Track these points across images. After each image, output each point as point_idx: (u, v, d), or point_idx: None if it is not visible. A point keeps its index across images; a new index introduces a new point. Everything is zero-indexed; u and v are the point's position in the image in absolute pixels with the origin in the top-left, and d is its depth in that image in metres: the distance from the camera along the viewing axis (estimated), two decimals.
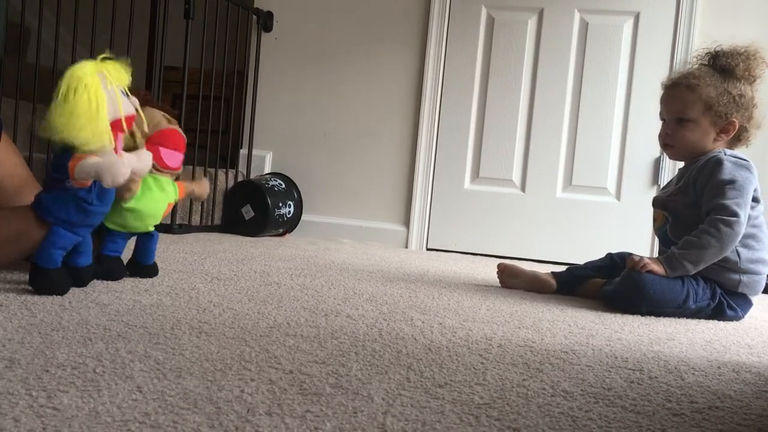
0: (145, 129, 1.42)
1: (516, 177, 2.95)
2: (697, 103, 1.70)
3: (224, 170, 2.99)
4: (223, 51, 2.88)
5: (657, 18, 2.82)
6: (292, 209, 2.95)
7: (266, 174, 3.06)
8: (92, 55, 2.20)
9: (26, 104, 2.44)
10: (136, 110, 1.33)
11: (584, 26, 2.88)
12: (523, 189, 2.95)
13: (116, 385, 0.79)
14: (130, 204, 1.45)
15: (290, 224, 2.98)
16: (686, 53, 2.75)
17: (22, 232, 1.28)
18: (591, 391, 0.93)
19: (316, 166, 3.09)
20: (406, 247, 2.99)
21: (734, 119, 1.69)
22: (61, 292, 1.28)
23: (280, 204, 2.88)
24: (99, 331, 1.04)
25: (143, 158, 1.40)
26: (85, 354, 0.91)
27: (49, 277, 1.26)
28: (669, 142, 1.76)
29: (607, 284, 1.76)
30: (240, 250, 2.25)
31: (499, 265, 1.94)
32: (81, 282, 1.35)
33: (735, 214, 1.60)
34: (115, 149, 1.27)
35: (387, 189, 3.04)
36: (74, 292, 1.31)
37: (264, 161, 3.13)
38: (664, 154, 2.72)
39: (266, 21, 3.11)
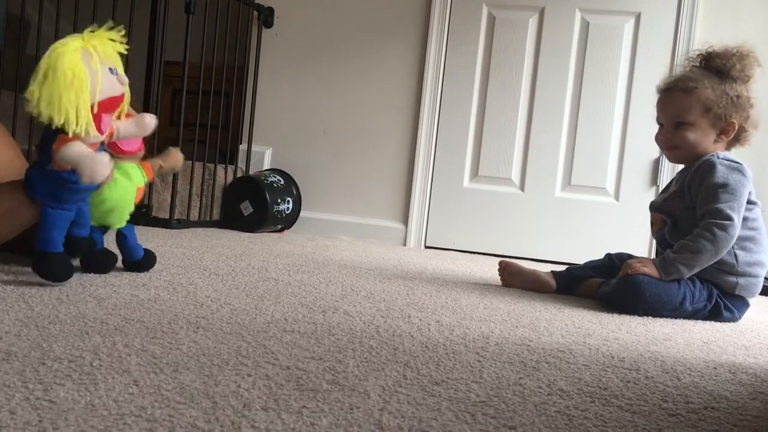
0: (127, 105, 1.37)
1: (515, 176, 2.95)
2: (695, 105, 1.69)
3: (223, 166, 2.98)
4: (224, 46, 2.88)
5: (658, 18, 2.82)
6: (290, 205, 2.95)
7: (265, 170, 3.06)
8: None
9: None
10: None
11: (585, 26, 2.88)
12: (522, 188, 2.95)
13: (113, 379, 0.79)
14: (97, 194, 1.40)
15: (289, 220, 2.98)
16: (687, 54, 2.75)
17: (13, 209, 1.28)
18: (587, 390, 0.93)
19: (315, 162, 3.09)
20: (405, 244, 2.99)
21: (734, 120, 1.69)
22: (61, 278, 1.28)
23: (279, 200, 2.88)
24: (96, 324, 1.04)
25: (141, 122, 1.37)
26: (82, 347, 0.91)
27: (51, 261, 1.27)
28: (670, 146, 1.75)
29: (603, 285, 1.76)
30: (238, 246, 2.25)
31: (500, 263, 1.94)
32: (75, 252, 1.34)
33: (729, 218, 1.60)
34: (100, 130, 1.26)
35: (386, 186, 3.03)
36: (72, 285, 1.31)
37: (263, 157, 3.13)
38: (664, 156, 2.73)
39: (267, 17, 3.10)
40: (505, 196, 2.95)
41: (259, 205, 2.82)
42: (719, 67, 1.71)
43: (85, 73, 1.21)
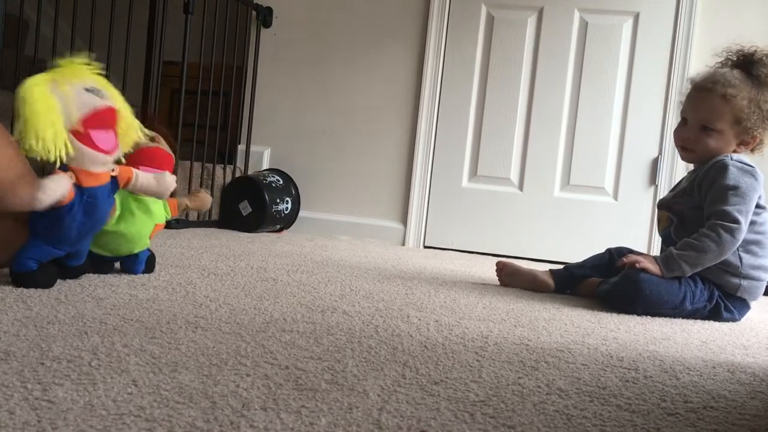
0: (139, 130, 1.36)
1: (514, 176, 2.95)
2: (727, 115, 1.65)
3: (222, 166, 2.98)
4: (223, 46, 2.88)
5: (656, 18, 2.82)
6: (289, 205, 2.95)
7: (264, 170, 3.06)
8: (90, 49, 2.21)
9: None
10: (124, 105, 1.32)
11: (584, 26, 2.88)
12: (520, 188, 2.95)
13: (111, 379, 0.79)
14: (111, 226, 1.41)
15: (288, 220, 2.98)
16: (686, 54, 2.75)
17: (6, 239, 1.28)
18: (586, 389, 0.93)
19: (314, 162, 3.09)
20: (404, 244, 2.99)
21: (757, 134, 1.66)
22: (43, 287, 1.26)
23: (278, 200, 2.88)
24: (95, 324, 1.04)
25: (162, 180, 1.39)
26: (81, 347, 0.91)
27: (25, 279, 1.26)
28: (689, 146, 1.72)
29: (603, 284, 1.76)
30: (237, 246, 2.25)
31: (498, 263, 1.94)
32: (68, 276, 1.34)
33: (736, 221, 1.59)
34: (96, 147, 1.25)
35: (385, 186, 3.03)
36: (70, 285, 1.31)
37: (262, 157, 3.13)
38: (662, 155, 2.73)
39: (266, 17, 3.10)
40: (504, 196, 2.95)
41: (257, 205, 2.82)
42: (759, 76, 1.65)
43: (52, 99, 1.20)
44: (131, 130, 1.35)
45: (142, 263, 1.51)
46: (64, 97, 1.23)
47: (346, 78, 3.06)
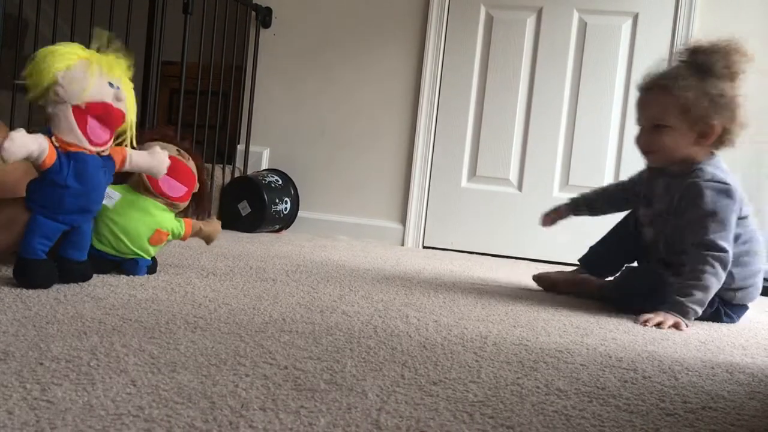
0: (133, 136, 1.39)
1: (513, 176, 2.95)
2: (673, 107, 1.61)
3: (221, 166, 2.98)
4: (222, 46, 2.88)
5: (655, 18, 2.82)
6: (288, 206, 2.95)
7: (263, 170, 3.06)
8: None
9: (24, 96, 2.44)
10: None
11: (583, 26, 2.88)
12: (519, 188, 2.95)
13: (110, 379, 0.79)
14: (110, 214, 1.44)
15: (287, 221, 2.98)
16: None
17: (12, 219, 1.27)
18: (585, 390, 0.93)
19: (313, 162, 3.09)
20: (403, 244, 2.99)
21: (714, 122, 1.59)
22: (42, 285, 1.26)
23: (277, 200, 2.88)
24: (94, 324, 1.04)
25: (156, 156, 1.40)
26: (80, 347, 0.90)
27: (30, 269, 1.25)
28: (648, 149, 1.69)
29: (606, 286, 1.76)
30: (236, 246, 2.25)
31: (534, 278, 1.93)
32: (69, 276, 1.33)
33: (723, 250, 1.55)
34: (86, 133, 1.27)
35: (384, 186, 3.03)
36: (69, 285, 1.31)
37: (261, 157, 3.13)
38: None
39: (265, 17, 3.10)
40: (503, 197, 2.95)
41: (257, 205, 2.82)
42: (702, 63, 1.61)
43: (69, 54, 1.25)
44: (128, 130, 1.38)
45: (143, 269, 1.51)
46: (88, 71, 1.26)
47: (345, 78, 3.06)
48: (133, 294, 1.30)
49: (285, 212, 2.93)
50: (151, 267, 1.54)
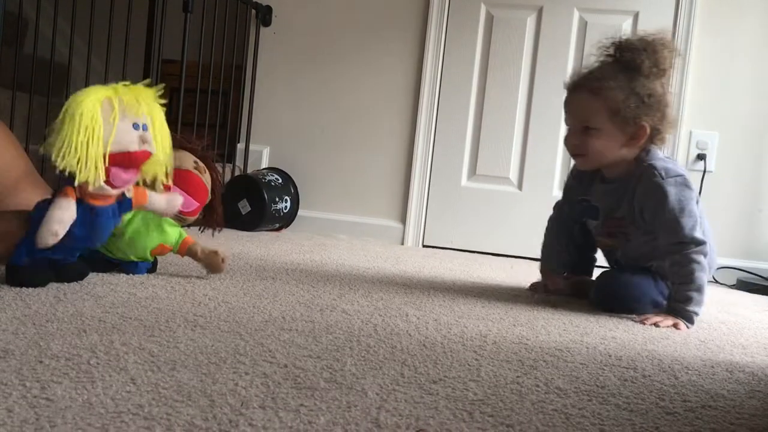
0: (164, 174, 1.35)
1: (513, 175, 2.95)
2: (601, 109, 1.55)
3: (221, 165, 2.98)
4: (222, 45, 2.88)
5: (656, 17, 2.82)
6: (288, 204, 2.95)
7: (263, 169, 3.06)
8: (90, 48, 2.20)
9: (23, 95, 2.43)
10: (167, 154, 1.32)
11: (583, 25, 2.88)
12: (520, 187, 2.95)
13: (110, 377, 0.79)
14: (120, 226, 1.41)
15: (287, 219, 2.98)
16: (685, 53, 2.75)
17: (7, 232, 1.27)
18: (585, 388, 0.93)
19: (313, 161, 3.09)
20: (403, 243, 2.99)
21: (644, 123, 1.56)
22: (33, 284, 1.25)
23: (277, 199, 2.88)
24: (93, 322, 1.04)
25: (172, 202, 1.39)
26: (80, 345, 0.91)
27: (18, 274, 1.25)
28: (578, 152, 1.64)
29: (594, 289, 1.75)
30: (236, 245, 2.25)
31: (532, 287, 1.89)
32: (66, 276, 1.32)
33: (701, 242, 1.54)
34: (110, 183, 1.24)
35: (384, 185, 3.03)
36: (69, 283, 1.31)
37: (261, 156, 3.13)
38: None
39: (265, 15, 3.10)
40: (503, 195, 2.95)
41: (256, 203, 2.82)
42: (629, 61, 1.56)
43: (99, 122, 1.20)
44: (157, 168, 1.33)
45: (143, 270, 1.51)
46: (110, 125, 1.22)
47: (345, 77, 3.06)
48: (132, 292, 1.30)
49: (285, 211, 2.93)
50: (151, 267, 1.55)
